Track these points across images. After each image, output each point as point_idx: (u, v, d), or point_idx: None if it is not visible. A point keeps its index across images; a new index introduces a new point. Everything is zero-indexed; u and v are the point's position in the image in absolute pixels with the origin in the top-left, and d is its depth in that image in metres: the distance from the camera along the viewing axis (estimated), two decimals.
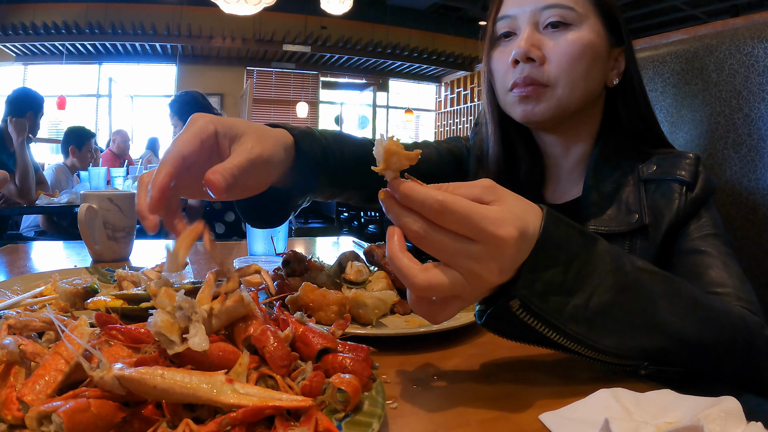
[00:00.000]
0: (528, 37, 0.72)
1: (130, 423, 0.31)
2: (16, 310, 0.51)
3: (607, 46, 0.74)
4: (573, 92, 0.72)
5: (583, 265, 0.44)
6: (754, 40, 0.82)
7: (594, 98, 0.76)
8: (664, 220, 0.68)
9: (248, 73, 9.34)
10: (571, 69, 0.71)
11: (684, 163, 0.70)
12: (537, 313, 0.43)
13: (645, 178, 0.71)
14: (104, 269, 0.76)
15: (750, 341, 0.55)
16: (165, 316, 0.34)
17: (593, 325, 0.44)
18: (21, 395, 0.31)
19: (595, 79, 0.73)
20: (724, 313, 0.54)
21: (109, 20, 7.68)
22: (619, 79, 0.76)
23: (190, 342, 0.33)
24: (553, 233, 0.42)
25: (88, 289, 0.59)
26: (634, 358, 0.48)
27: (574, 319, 0.44)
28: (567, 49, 0.71)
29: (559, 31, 0.72)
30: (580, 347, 0.46)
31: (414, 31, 9.24)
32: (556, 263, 0.43)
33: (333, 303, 0.57)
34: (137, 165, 4.96)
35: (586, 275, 0.44)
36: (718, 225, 0.68)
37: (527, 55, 0.71)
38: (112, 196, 1.00)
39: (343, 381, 0.35)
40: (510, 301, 0.42)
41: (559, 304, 0.43)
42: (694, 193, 0.68)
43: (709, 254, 0.65)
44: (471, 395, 0.44)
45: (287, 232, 1.06)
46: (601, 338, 0.45)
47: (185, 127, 0.49)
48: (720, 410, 0.36)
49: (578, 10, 0.71)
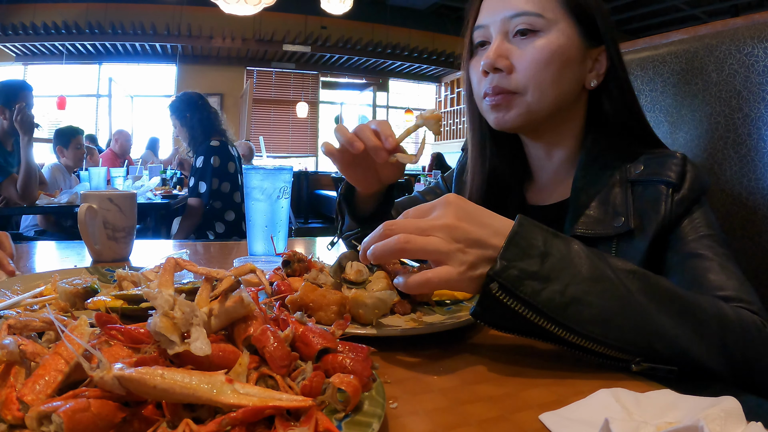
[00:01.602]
0: (496, 48, 0.73)
1: (130, 423, 0.31)
2: (16, 310, 0.51)
3: (582, 48, 0.74)
4: (543, 98, 0.73)
5: (558, 261, 0.50)
6: (754, 40, 0.82)
7: (570, 101, 0.76)
8: (651, 223, 0.67)
9: (248, 73, 9.34)
10: (539, 76, 0.72)
11: (671, 163, 0.70)
12: (515, 294, 0.49)
13: (632, 179, 0.71)
14: (104, 269, 0.76)
15: (743, 339, 0.55)
16: (164, 316, 0.34)
17: (571, 309, 0.49)
18: (21, 395, 0.31)
19: (566, 83, 0.74)
20: (704, 308, 0.54)
21: (109, 20, 7.68)
22: (598, 80, 0.76)
23: (192, 347, 0.33)
24: (523, 234, 0.51)
25: (88, 289, 0.59)
26: (623, 351, 0.50)
27: (551, 302, 0.49)
28: (534, 56, 0.72)
29: (528, 39, 0.73)
30: (566, 333, 0.49)
31: (414, 31, 9.24)
32: (530, 256, 0.50)
33: (333, 303, 0.57)
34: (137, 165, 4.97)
35: (562, 269, 0.50)
36: (712, 225, 0.68)
37: (494, 65, 0.73)
38: (112, 196, 1.00)
39: (343, 381, 0.35)
40: (489, 285, 0.49)
41: (534, 288, 0.49)
42: (681, 194, 0.67)
43: (706, 257, 0.64)
44: (471, 395, 0.45)
45: (287, 232, 1.07)
46: (582, 322, 0.49)
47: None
48: (720, 410, 0.36)
49: (547, 16, 0.72)
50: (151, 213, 3.25)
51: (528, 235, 0.51)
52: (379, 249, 0.51)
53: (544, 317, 0.49)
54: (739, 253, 0.84)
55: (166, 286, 0.36)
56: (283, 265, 0.70)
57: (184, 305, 0.35)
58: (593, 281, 0.50)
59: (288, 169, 1.03)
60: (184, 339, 0.34)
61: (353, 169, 0.79)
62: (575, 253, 0.51)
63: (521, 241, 0.50)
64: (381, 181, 0.81)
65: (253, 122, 8.96)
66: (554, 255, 0.50)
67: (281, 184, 1.02)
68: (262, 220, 1.02)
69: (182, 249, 1.07)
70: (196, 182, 2.73)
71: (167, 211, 3.42)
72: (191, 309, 0.35)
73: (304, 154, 9.99)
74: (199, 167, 2.72)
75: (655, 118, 0.96)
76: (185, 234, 2.76)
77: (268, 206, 1.02)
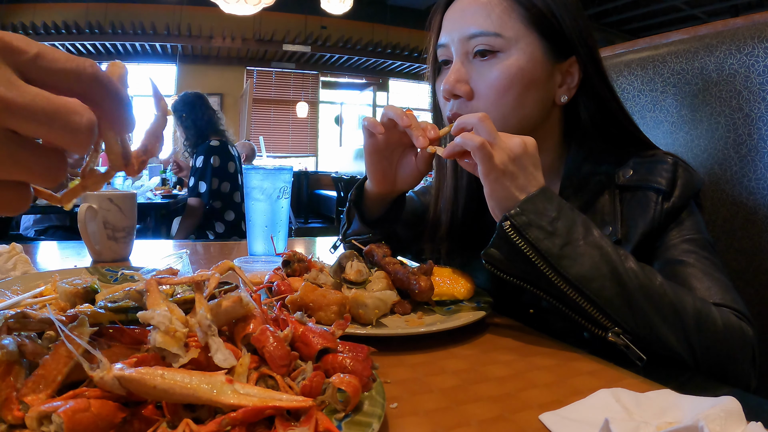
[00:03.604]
0: (455, 71, 0.70)
1: (130, 423, 0.31)
2: (16, 310, 0.51)
3: (547, 65, 0.69)
4: (506, 123, 0.69)
5: (564, 225, 0.58)
6: (754, 40, 0.82)
7: (537, 121, 0.72)
8: (637, 230, 0.67)
9: (248, 73, 9.34)
10: (499, 102, 0.69)
11: (661, 169, 0.68)
12: (522, 234, 0.58)
13: (621, 185, 0.70)
14: (104, 269, 0.76)
15: (722, 338, 0.57)
16: (164, 332, 0.33)
17: (564, 261, 0.57)
18: (21, 395, 0.31)
19: (530, 106, 0.70)
20: (683, 299, 0.58)
21: (109, 20, 7.67)
22: (570, 94, 0.72)
23: (215, 359, 0.33)
24: (544, 198, 0.59)
25: (88, 289, 0.59)
26: (603, 313, 0.56)
27: (549, 251, 0.57)
28: (493, 83, 0.68)
29: (487, 61, 0.69)
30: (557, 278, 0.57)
31: (414, 31, 9.23)
32: (542, 215, 0.58)
33: (333, 303, 0.57)
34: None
35: (565, 232, 0.58)
36: (698, 228, 0.67)
37: (452, 92, 0.70)
38: (112, 196, 1.00)
39: (343, 381, 0.35)
40: (503, 222, 0.59)
41: (538, 236, 0.58)
42: (671, 202, 0.66)
43: (689, 264, 0.64)
44: (471, 395, 0.45)
45: (287, 232, 1.07)
46: (572, 274, 0.57)
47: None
48: (720, 410, 0.36)
49: (506, 35, 0.68)
50: (151, 213, 3.25)
51: (547, 201, 0.59)
52: (460, 142, 0.60)
53: (542, 259, 0.57)
54: (740, 253, 0.84)
55: (156, 305, 0.36)
56: (283, 265, 0.70)
57: (202, 319, 0.35)
58: (591, 246, 0.58)
59: (288, 169, 1.03)
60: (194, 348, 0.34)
61: (379, 157, 0.73)
62: (583, 226, 0.59)
63: (538, 203, 0.59)
64: (397, 184, 0.76)
65: (253, 122, 8.96)
66: (562, 220, 0.59)
67: (281, 184, 1.02)
68: (262, 220, 1.02)
69: (182, 249, 1.07)
70: (196, 182, 2.73)
71: (167, 211, 3.42)
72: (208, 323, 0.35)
73: (304, 154, 9.99)
74: (199, 167, 2.72)
75: (655, 118, 0.96)
76: (185, 234, 2.76)
77: (268, 206, 1.02)
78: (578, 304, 0.57)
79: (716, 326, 0.57)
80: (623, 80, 1.02)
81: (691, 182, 0.68)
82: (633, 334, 0.55)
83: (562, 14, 0.69)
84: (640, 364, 0.53)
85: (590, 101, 0.72)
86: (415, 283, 0.64)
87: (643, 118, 0.98)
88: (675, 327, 0.56)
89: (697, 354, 0.56)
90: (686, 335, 0.56)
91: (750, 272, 0.83)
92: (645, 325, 0.55)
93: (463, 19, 0.71)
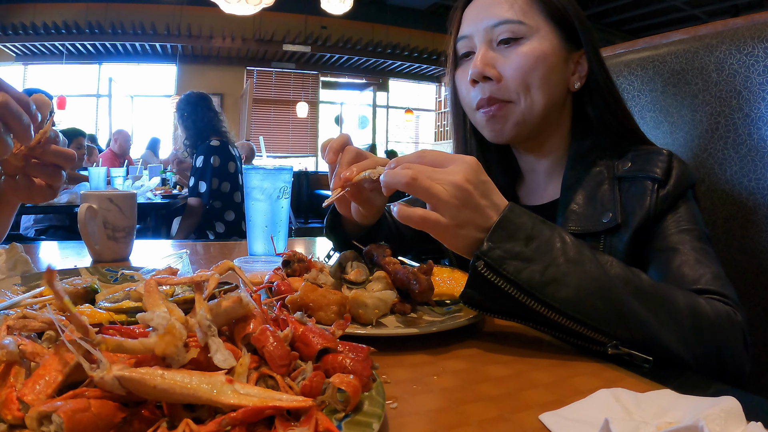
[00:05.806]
0: (482, 56, 0.74)
1: (130, 423, 0.31)
2: (16, 310, 0.51)
3: (564, 52, 0.76)
4: (535, 103, 0.74)
5: (542, 244, 0.54)
6: (754, 40, 0.82)
7: (559, 104, 0.78)
8: (635, 216, 0.69)
9: (248, 73, 9.34)
10: (527, 81, 0.73)
11: (657, 160, 0.72)
12: (499, 272, 0.53)
13: (619, 176, 0.73)
14: (104, 269, 0.76)
15: (715, 328, 0.57)
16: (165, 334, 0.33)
17: (549, 288, 0.53)
18: (21, 395, 0.31)
19: (554, 86, 0.75)
20: (677, 299, 0.57)
21: (109, 20, 7.68)
22: (581, 82, 0.78)
23: (215, 359, 0.33)
24: (511, 219, 0.55)
25: (88, 289, 0.59)
26: (599, 332, 0.53)
27: (531, 280, 0.53)
28: (520, 63, 0.73)
29: (511, 47, 0.74)
30: (545, 309, 0.53)
31: (414, 31, 9.24)
32: (516, 239, 0.54)
33: (333, 303, 0.57)
34: (137, 165, 4.97)
35: (544, 252, 0.54)
36: (695, 219, 0.69)
37: (483, 74, 0.74)
38: (112, 196, 1.00)
39: (343, 381, 0.35)
40: (476, 263, 0.54)
41: (516, 267, 0.53)
42: (666, 190, 0.69)
43: (683, 252, 0.66)
44: (471, 395, 0.45)
45: (287, 232, 1.07)
46: (559, 300, 0.53)
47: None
48: (720, 410, 0.36)
49: (528, 23, 0.74)
50: (151, 213, 3.25)
51: (516, 220, 0.55)
52: (389, 177, 0.55)
53: (525, 294, 0.53)
54: (740, 253, 0.84)
55: (155, 306, 0.36)
56: (283, 265, 0.70)
57: (202, 320, 0.35)
58: (573, 264, 0.54)
59: (288, 169, 1.03)
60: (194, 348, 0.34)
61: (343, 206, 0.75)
62: (559, 239, 0.55)
63: (509, 225, 0.54)
64: (364, 218, 0.75)
65: (253, 122, 8.96)
66: (538, 239, 0.55)
67: (281, 184, 1.02)
68: (262, 220, 1.02)
69: (182, 249, 1.07)
70: (196, 182, 2.73)
71: (167, 211, 3.42)
72: (207, 323, 0.35)
73: (304, 154, 9.99)
74: (199, 167, 2.72)
75: (655, 118, 0.96)
76: (185, 234, 2.76)
77: (268, 206, 1.02)
78: (571, 329, 0.55)
79: (708, 317, 0.58)
80: (623, 80, 1.02)
81: (686, 173, 0.71)
82: (632, 343, 0.54)
83: (571, 10, 0.76)
84: (647, 366, 0.52)
85: (597, 91, 0.77)
86: (415, 283, 0.64)
87: (643, 118, 0.98)
88: (668, 324, 0.56)
89: (694, 347, 0.56)
90: (681, 330, 0.56)
91: (750, 272, 0.83)
92: (641, 330, 0.55)
93: (486, 10, 0.76)
